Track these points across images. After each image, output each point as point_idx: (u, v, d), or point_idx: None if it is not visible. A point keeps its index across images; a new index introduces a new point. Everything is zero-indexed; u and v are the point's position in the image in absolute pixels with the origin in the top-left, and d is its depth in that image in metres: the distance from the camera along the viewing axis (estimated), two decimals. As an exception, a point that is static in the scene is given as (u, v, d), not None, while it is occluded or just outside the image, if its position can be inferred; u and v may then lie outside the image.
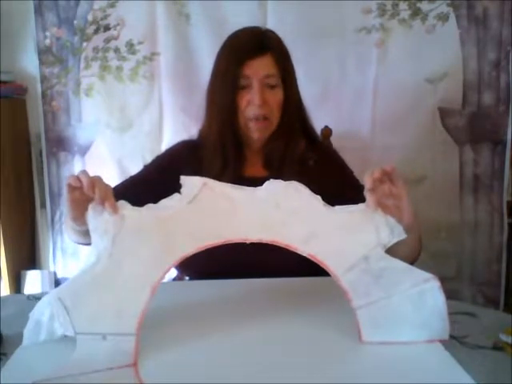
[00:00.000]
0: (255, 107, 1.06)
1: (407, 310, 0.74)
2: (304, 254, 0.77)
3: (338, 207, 0.80)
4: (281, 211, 0.78)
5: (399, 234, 0.76)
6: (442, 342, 0.75)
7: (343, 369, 0.71)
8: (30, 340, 0.76)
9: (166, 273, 0.74)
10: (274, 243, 0.77)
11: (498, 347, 0.75)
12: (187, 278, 1.13)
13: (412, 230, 0.85)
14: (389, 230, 0.76)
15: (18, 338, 0.77)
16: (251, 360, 0.73)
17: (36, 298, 0.98)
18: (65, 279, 1.93)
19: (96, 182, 0.76)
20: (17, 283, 1.85)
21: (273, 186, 0.79)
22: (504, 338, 0.75)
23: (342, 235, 0.77)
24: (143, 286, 0.73)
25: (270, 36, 1.11)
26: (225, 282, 0.99)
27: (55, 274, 1.93)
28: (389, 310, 0.75)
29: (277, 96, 1.08)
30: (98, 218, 0.74)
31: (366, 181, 0.78)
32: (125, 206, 0.76)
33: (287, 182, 0.79)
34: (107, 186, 0.77)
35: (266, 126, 1.09)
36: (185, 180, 0.78)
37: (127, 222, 0.74)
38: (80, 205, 0.77)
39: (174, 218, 0.76)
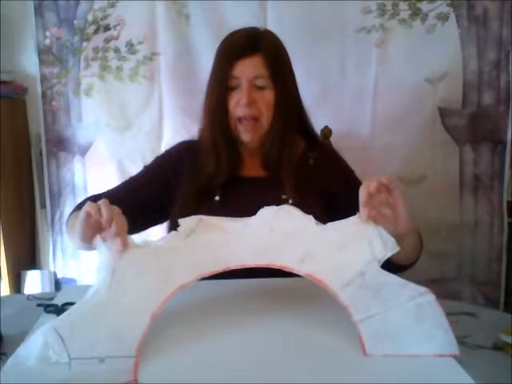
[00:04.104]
0: (242, 107, 1.06)
1: (407, 322, 0.74)
2: (301, 274, 0.78)
3: (329, 224, 0.82)
4: (275, 235, 0.80)
5: (392, 248, 0.77)
6: (453, 356, 0.72)
7: (345, 368, 0.71)
8: (17, 367, 0.70)
9: (165, 302, 0.75)
10: (271, 266, 0.78)
11: (498, 347, 0.75)
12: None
13: (408, 237, 0.85)
14: (382, 244, 0.77)
15: (18, 338, 0.77)
16: (251, 363, 0.72)
17: (36, 298, 0.98)
18: (65, 279, 1.93)
19: (115, 216, 0.77)
20: (17, 283, 1.85)
21: (265, 212, 0.82)
22: (504, 337, 0.75)
23: (337, 252, 0.78)
24: (143, 314, 0.73)
25: (263, 37, 1.10)
26: (225, 282, 0.98)
27: (55, 274, 1.93)
28: (389, 324, 0.75)
29: (266, 97, 1.07)
30: (98, 252, 0.76)
31: (361, 193, 0.79)
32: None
33: (279, 207, 0.82)
34: (124, 221, 0.79)
35: (255, 127, 1.09)
36: (181, 220, 0.82)
37: (126, 257, 0.75)
38: (92, 229, 0.80)
39: (172, 252, 0.78)
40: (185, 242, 0.80)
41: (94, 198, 1.12)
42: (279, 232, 0.80)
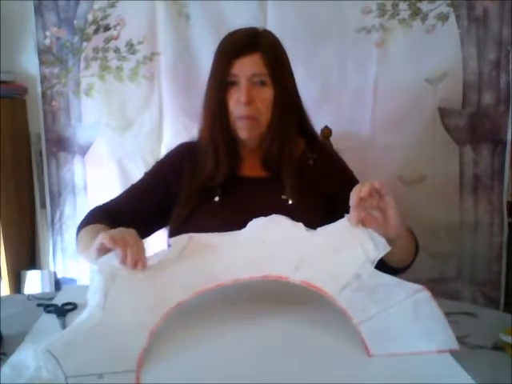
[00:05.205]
0: (242, 105, 1.06)
1: (406, 321, 0.74)
2: (296, 282, 0.78)
3: (319, 229, 0.82)
4: (267, 246, 0.80)
5: (384, 248, 0.78)
6: (453, 351, 0.73)
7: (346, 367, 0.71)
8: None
9: (163, 319, 0.74)
10: (266, 278, 0.78)
11: (497, 347, 0.75)
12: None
13: (400, 240, 0.86)
14: (373, 245, 0.77)
15: (18, 338, 0.78)
16: (253, 365, 0.72)
17: (36, 298, 0.98)
18: (65, 279, 1.93)
19: (130, 241, 0.78)
20: (17, 283, 1.85)
21: (255, 223, 0.83)
22: (504, 338, 0.75)
23: (331, 256, 0.78)
24: (140, 332, 0.72)
25: (263, 36, 1.10)
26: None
27: (55, 274, 1.93)
28: (389, 323, 0.75)
29: (265, 95, 1.07)
30: (90, 276, 0.76)
31: (352, 197, 0.79)
32: (114, 264, 0.77)
33: (268, 217, 0.83)
34: (140, 243, 0.80)
35: (253, 125, 1.09)
36: (172, 239, 0.83)
37: (118, 280, 0.75)
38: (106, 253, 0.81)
39: (165, 271, 0.78)
40: (177, 260, 0.80)
41: (98, 210, 1.13)
42: (271, 243, 0.80)
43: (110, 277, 0.75)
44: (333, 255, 0.78)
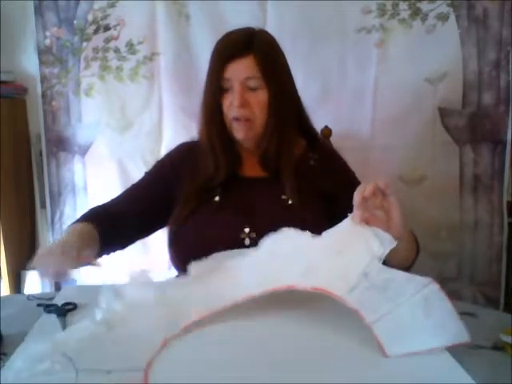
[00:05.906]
0: (235, 109, 1.06)
1: (418, 316, 0.74)
2: (307, 289, 0.77)
3: (324, 232, 0.83)
4: (276, 260, 0.81)
5: (390, 243, 0.77)
6: (465, 344, 0.73)
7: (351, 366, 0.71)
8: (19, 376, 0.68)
9: (176, 335, 0.76)
10: (277, 290, 0.79)
11: (497, 347, 0.75)
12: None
13: (402, 242, 0.86)
14: (379, 241, 0.77)
15: (18, 338, 0.78)
16: (265, 365, 0.72)
17: (36, 298, 0.98)
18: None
19: (48, 260, 0.84)
20: (17, 283, 1.85)
21: (265, 241, 0.85)
22: (504, 338, 0.75)
23: (337, 259, 0.79)
24: (153, 342, 0.74)
25: (256, 37, 1.09)
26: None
27: (55, 274, 1.93)
28: (401, 321, 0.74)
29: (260, 98, 1.07)
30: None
31: (356, 196, 0.79)
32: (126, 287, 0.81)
33: (277, 232, 0.85)
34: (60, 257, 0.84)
35: (249, 127, 1.08)
36: (192, 266, 0.87)
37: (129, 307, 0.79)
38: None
39: (178, 292, 0.82)
40: (191, 282, 0.84)
41: (98, 209, 1.13)
42: (280, 256, 0.82)
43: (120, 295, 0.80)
44: (339, 257, 0.79)
